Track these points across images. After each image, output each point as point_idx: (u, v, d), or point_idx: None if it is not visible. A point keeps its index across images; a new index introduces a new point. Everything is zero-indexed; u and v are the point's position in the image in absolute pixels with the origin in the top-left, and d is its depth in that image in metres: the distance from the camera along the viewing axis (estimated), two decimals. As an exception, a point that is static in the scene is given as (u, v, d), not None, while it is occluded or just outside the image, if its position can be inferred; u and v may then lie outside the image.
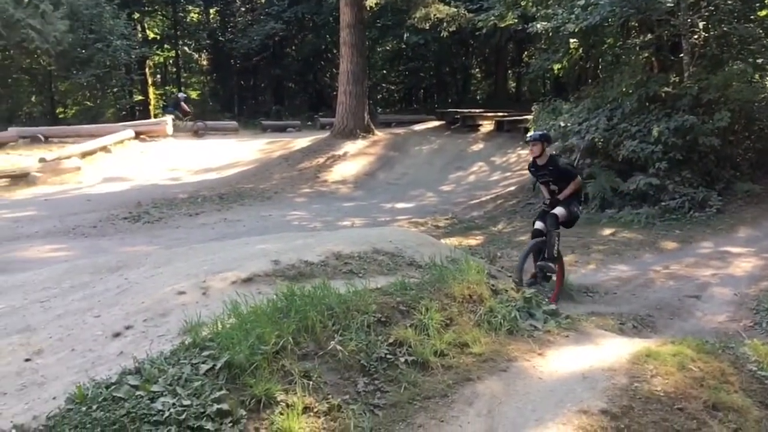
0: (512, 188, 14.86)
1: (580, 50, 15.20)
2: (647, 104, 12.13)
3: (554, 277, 6.88)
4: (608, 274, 8.15)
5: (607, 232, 10.20)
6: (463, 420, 3.53)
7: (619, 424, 3.53)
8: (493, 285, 5.13)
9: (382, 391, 3.68)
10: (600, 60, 16.40)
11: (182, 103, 22.80)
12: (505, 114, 21.92)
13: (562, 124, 12.56)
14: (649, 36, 13.17)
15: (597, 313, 6.37)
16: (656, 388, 3.81)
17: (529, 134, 7.13)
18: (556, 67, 15.89)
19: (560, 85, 23.83)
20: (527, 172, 15.81)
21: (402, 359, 3.94)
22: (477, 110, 23.73)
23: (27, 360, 3.89)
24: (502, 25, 16.73)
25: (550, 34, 13.89)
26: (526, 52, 29.11)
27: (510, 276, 6.58)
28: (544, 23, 13.49)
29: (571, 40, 14.13)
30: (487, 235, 10.57)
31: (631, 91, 12.31)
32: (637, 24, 13.68)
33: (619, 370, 4.03)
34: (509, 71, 31.72)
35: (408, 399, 3.64)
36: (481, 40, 24.27)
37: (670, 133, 11.34)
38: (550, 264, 6.66)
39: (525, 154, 17.53)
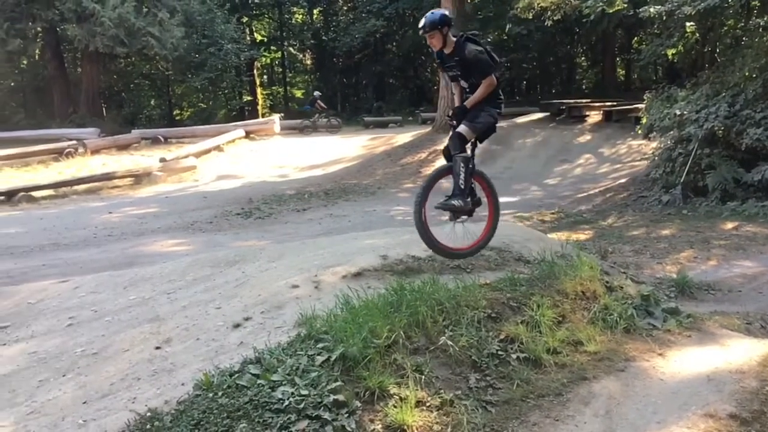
0: (623, 180, 14.26)
1: (697, 34, 14.34)
2: (773, 89, 11.28)
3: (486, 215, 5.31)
4: (731, 271, 7.64)
5: (729, 225, 9.57)
6: (579, 420, 3.44)
7: (749, 429, 3.33)
8: (607, 281, 4.96)
9: (495, 388, 3.65)
10: (717, 43, 15.42)
11: (318, 101, 23.98)
12: (614, 103, 21.06)
13: (678, 112, 11.89)
14: (775, 15, 12.25)
15: (720, 312, 5.99)
16: (791, 394, 3.56)
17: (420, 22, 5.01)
18: (671, 52, 15.09)
19: (674, 72, 22.57)
20: (639, 164, 15.35)
21: (514, 356, 3.89)
22: (583, 100, 22.96)
23: (157, 348, 4.16)
24: (611, 11, 16.04)
25: (664, 17, 13.16)
26: (635, 38, 27.84)
27: (624, 272, 6.33)
28: (657, 7, 12.81)
29: (687, 24, 13.35)
30: (597, 229, 10.19)
31: (754, 75, 11.50)
32: (759, 3, 12.74)
33: (749, 373, 3.80)
34: (617, 58, 30.43)
35: (521, 396, 3.59)
36: (587, 27, 23.42)
37: (800, 119, 10.52)
38: (455, 202, 4.94)
39: (636, 145, 16.83)
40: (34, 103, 27.65)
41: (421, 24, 5.00)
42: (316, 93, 25.40)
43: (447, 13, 5.01)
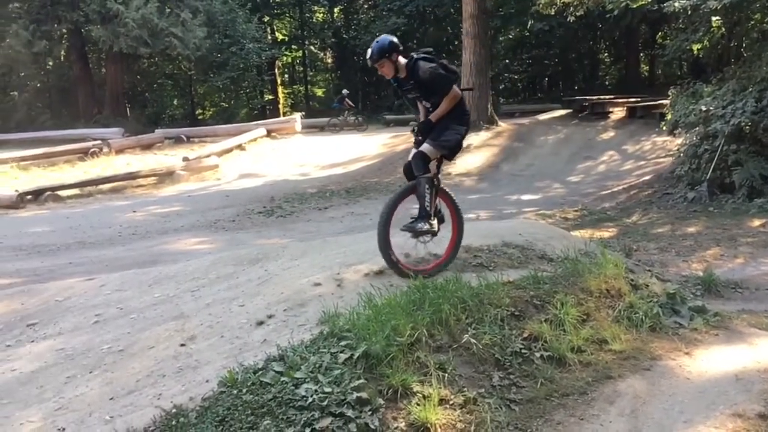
0: (647, 177, 14.10)
1: (723, 28, 14.10)
2: (802, 83, 11.05)
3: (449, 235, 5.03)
4: (759, 269, 7.51)
5: (757, 223, 9.41)
6: (604, 419, 3.41)
7: (779, 430, 3.27)
8: (632, 279, 4.91)
9: (518, 386, 3.63)
10: (744, 38, 15.16)
11: (346, 99, 24.17)
12: (638, 99, 20.85)
13: (704, 108, 11.69)
14: (804, 9, 12.00)
15: (748, 310, 5.90)
16: (822, 394, 3.49)
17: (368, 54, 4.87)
18: (696, 47, 14.85)
19: (699, 67, 22.25)
20: (663, 160, 15.16)
21: (537, 354, 3.87)
22: (606, 97, 22.74)
23: (182, 345, 4.20)
24: (635, 6, 15.87)
25: (689, 12, 12.95)
26: (660, 33, 27.47)
27: (649, 270, 6.25)
28: (682, 1, 12.59)
29: (713, 18, 13.13)
30: (621, 227, 10.08)
31: (782, 70, 11.28)
32: (788, -3, 12.49)
33: (778, 373, 3.73)
34: (641, 54, 30.09)
35: (545, 395, 3.57)
36: (610, 22, 23.18)
37: (830, 114, 10.30)
38: (420, 225, 4.74)
39: (660, 141, 16.63)
40: (59, 104, 28.06)
41: (368, 54, 4.83)
42: (345, 91, 25.53)
43: (394, 39, 4.83)
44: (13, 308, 5.42)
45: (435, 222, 4.81)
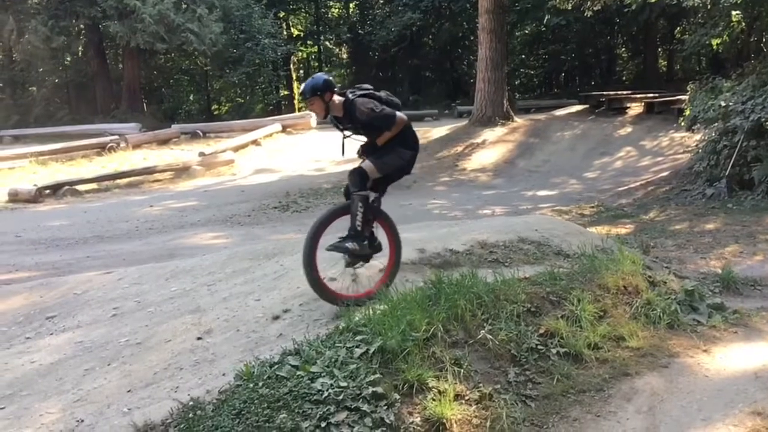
0: (665, 174, 13.95)
1: (743, 23, 13.91)
2: (824, 79, 10.90)
3: (385, 259, 4.69)
4: (778, 267, 7.43)
5: (776, 220, 9.30)
6: (621, 416, 3.39)
7: (799, 429, 3.24)
8: (649, 276, 4.87)
9: (534, 383, 3.62)
10: (764, 33, 14.96)
11: None
12: (656, 95, 20.63)
13: (723, 103, 11.54)
14: (825, 3, 11.81)
15: (767, 308, 5.83)
16: (844, 393, 3.45)
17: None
18: (715, 42, 14.64)
19: (718, 62, 22.00)
20: (681, 156, 15.02)
21: (554, 350, 3.86)
22: (624, 92, 22.53)
23: (199, 339, 4.24)
24: (653, 0, 15.70)
25: (709, 6, 12.81)
26: (678, 28, 27.17)
27: (666, 267, 6.20)
28: (702, -5, 12.50)
29: (733, 12, 12.96)
30: (638, 223, 10.00)
31: (804, 65, 11.12)
32: (810, -10, 12.31)
33: (798, 371, 3.69)
34: (659, 49, 29.74)
35: (561, 391, 3.55)
36: (628, 17, 22.93)
37: None
38: (349, 245, 4.42)
39: (678, 137, 16.46)
40: (77, 99, 28.30)
41: (301, 90, 4.64)
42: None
43: (329, 78, 4.60)
44: (32, 301, 5.49)
45: (366, 244, 4.50)
